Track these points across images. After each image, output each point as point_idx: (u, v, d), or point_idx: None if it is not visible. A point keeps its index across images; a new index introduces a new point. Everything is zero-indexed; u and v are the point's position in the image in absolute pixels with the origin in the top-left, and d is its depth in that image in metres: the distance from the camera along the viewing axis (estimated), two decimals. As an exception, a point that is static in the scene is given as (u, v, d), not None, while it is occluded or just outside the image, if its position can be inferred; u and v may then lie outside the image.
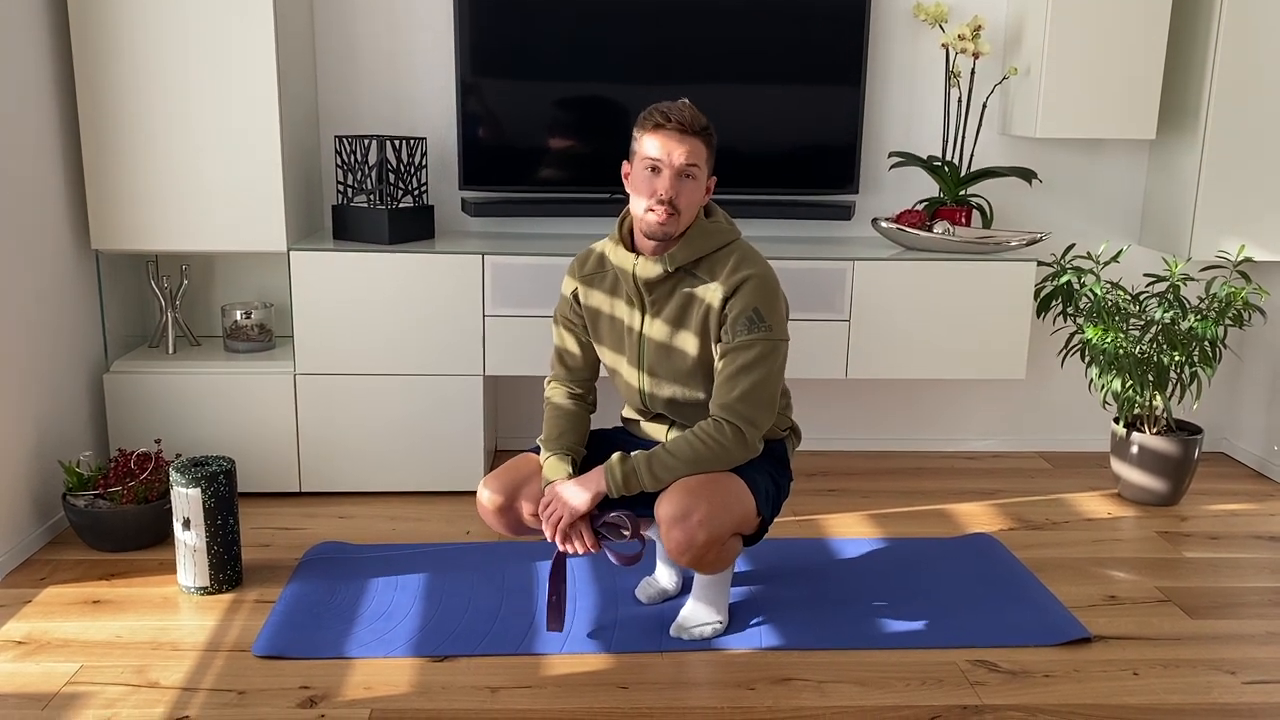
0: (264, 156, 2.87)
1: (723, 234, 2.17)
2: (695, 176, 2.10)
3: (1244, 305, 2.96)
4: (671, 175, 2.07)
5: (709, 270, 2.15)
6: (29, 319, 2.66)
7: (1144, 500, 3.13)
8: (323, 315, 2.95)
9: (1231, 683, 2.15)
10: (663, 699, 2.06)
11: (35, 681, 2.09)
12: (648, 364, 2.23)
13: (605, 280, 2.25)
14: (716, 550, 2.10)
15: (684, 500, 2.05)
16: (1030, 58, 3.15)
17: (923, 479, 3.33)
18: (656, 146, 2.08)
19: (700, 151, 2.09)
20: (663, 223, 2.09)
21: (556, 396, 2.34)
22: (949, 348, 3.10)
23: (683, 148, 2.07)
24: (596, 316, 2.28)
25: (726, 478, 2.11)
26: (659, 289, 2.17)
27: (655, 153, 2.08)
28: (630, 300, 2.22)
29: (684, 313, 2.17)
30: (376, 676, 2.12)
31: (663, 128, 2.08)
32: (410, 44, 3.24)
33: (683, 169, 2.08)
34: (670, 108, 2.09)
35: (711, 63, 3.16)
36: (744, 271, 2.12)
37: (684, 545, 2.05)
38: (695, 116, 2.10)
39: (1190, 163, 3.18)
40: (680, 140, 2.07)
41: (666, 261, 2.13)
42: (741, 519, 2.11)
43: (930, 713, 2.03)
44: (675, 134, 2.07)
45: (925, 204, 3.32)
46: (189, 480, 2.40)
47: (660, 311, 2.18)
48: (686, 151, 2.07)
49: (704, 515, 2.04)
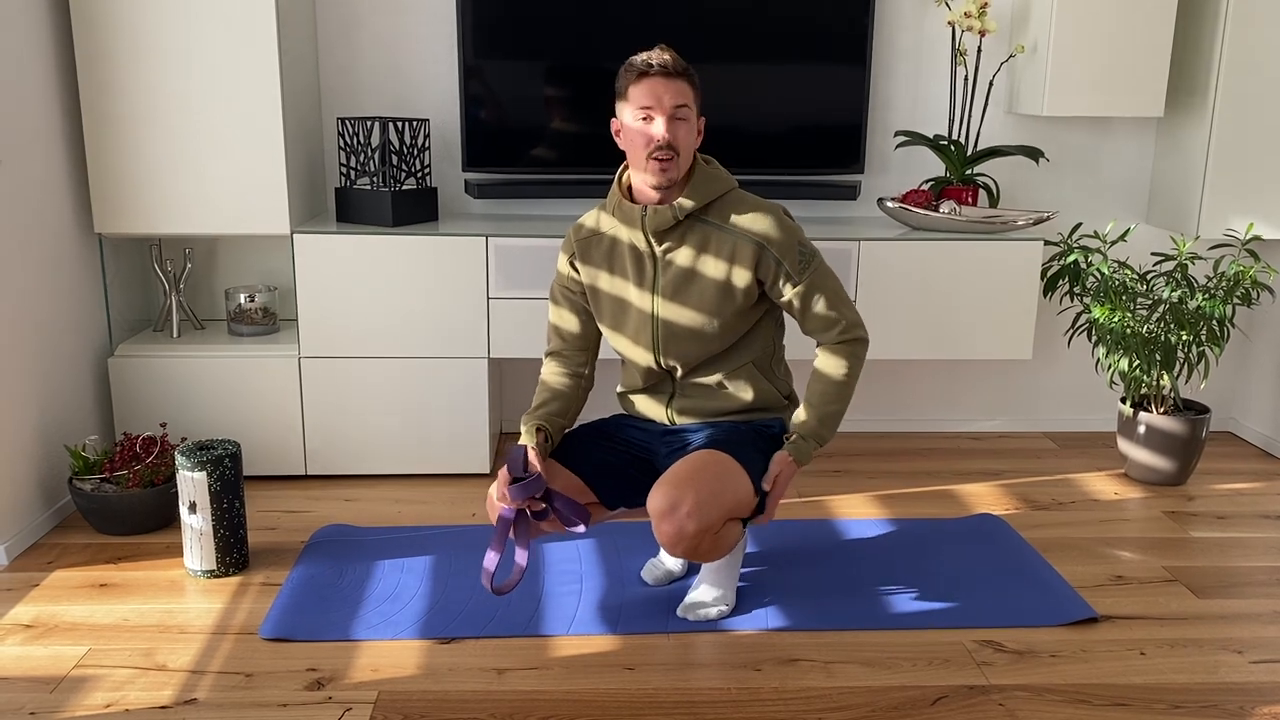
0: (267, 139, 2.86)
1: (725, 180, 2.21)
2: (687, 118, 2.12)
3: (1252, 284, 2.95)
4: (665, 119, 2.09)
5: (720, 214, 2.17)
6: (33, 304, 2.66)
7: (1151, 480, 3.12)
8: (326, 298, 2.94)
9: (1239, 662, 2.15)
10: (669, 680, 2.06)
11: (44, 665, 2.09)
12: (660, 325, 2.22)
13: (602, 245, 2.25)
14: (710, 539, 2.08)
15: (671, 493, 2.04)
16: (1037, 35, 3.12)
17: (928, 459, 3.33)
18: (645, 93, 2.09)
19: (687, 91, 2.11)
20: (665, 168, 2.10)
21: (549, 376, 2.33)
22: (955, 328, 3.09)
23: (670, 90, 2.09)
24: (595, 282, 2.27)
25: (717, 463, 2.10)
26: (670, 236, 2.17)
27: (646, 100, 2.09)
28: (636, 266, 2.21)
29: (698, 263, 2.17)
30: (383, 659, 2.13)
31: (647, 75, 2.09)
32: (413, 25, 3.22)
33: (674, 111, 2.09)
34: (651, 55, 2.11)
35: (716, 41, 3.14)
36: (765, 218, 2.17)
37: (675, 538, 2.04)
38: (676, 59, 2.12)
39: (1198, 141, 3.16)
40: (667, 83, 2.09)
41: (677, 210, 2.14)
42: (735, 504, 2.10)
43: (937, 693, 2.03)
44: (661, 79, 2.09)
45: (931, 183, 3.30)
46: (195, 464, 2.41)
47: (671, 265, 2.18)
48: (675, 92, 2.09)
49: (692, 506, 2.02)
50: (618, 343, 2.30)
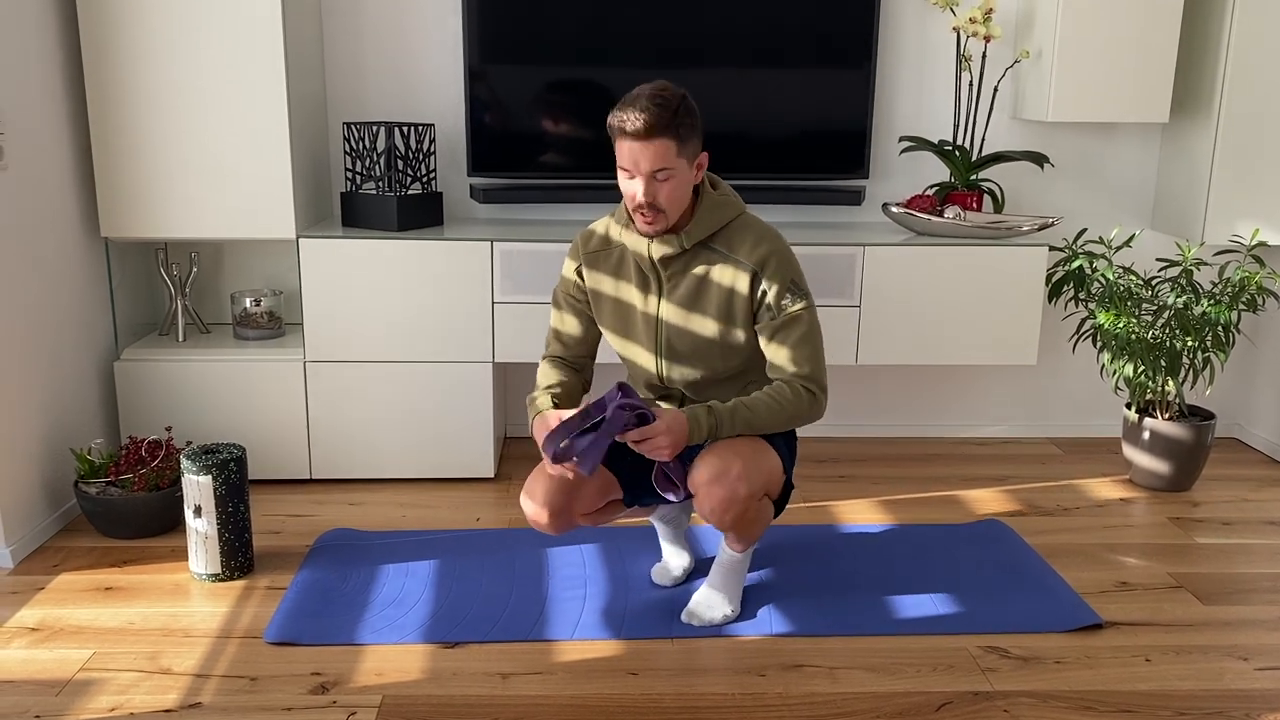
0: (273, 143, 2.87)
1: (732, 206, 2.18)
2: (669, 178, 2.04)
3: (1257, 290, 2.94)
4: (644, 181, 2.04)
5: (726, 243, 2.15)
6: (39, 307, 2.67)
7: (1156, 486, 3.12)
8: (332, 302, 2.95)
9: (1244, 669, 2.15)
10: (673, 685, 2.06)
11: (49, 668, 2.10)
12: (665, 341, 2.22)
13: (611, 258, 2.24)
14: (755, 508, 2.13)
15: (718, 461, 2.07)
16: (1042, 41, 3.12)
17: (933, 465, 3.32)
18: (624, 155, 2.03)
19: (668, 150, 2.00)
20: (650, 221, 2.08)
21: (548, 370, 2.29)
22: (960, 333, 3.09)
23: (648, 153, 2.00)
24: (599, 296, 2.27)
25: (749, 441, 2.14)
26: (674, 265, 2.17)
27: (624, 161, 2.04)
28: (642, 279, 2.21)
29: (702, 287, 2.17)
30: (388, 663, 2.13)
31: (625, 135, 2.01)
32: (418, 30, 3.22)
33: (653, 174, 2.02)
34: (627, 116, 1.99)
35: (722, 47, 3.14)
36: (764, 247, 2.13)
37: (727, 501, 2.06)
38: (657, 115, 1.97)
39: (1204, 146, 3.15)
40: (645, 146, 2.00)
41: (683, 239, 2.13)
42: (770, 477, 2.14)
43: (942, 699, 2.02)
44: (638, 142, 2.00)
45: (936, 189, 3.30)
46: (200, 467, 2.41)
47: (677, 288, 2.18)
48: (652, 156, 2.00)
49: (741, 470, 2.06)
50: (624, 348, 2.30)
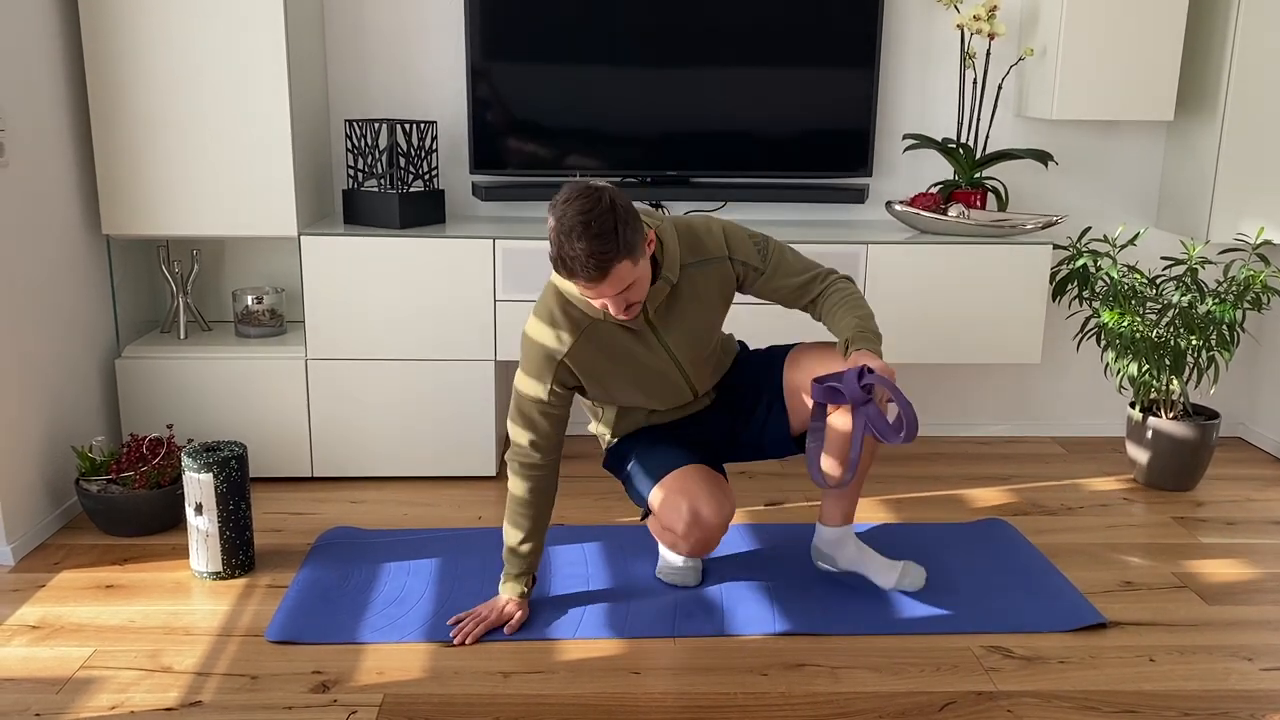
0: (274, 141, 2.86)
1: (670, 230, 2.14)
2: (632, 287, 1.99)
3: (1262, 288, 2.93)
4: (613, 301, 1.99)
5: (689, 255, 2.17)
6: (41, 305, 2.66)
7: (1160, 485, 3.11)
8: (334, 300, 2.94)
9: (1249, 669, 2.14)
10: (675, 685, 2.05)
11: (49, 666, 2.09)
12: (681, 362, 2.24)
13: (591, 339, 2.14)
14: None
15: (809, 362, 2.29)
16: (1046, 38, 3.11)
17: (937, 464, 3.31)
18: (583, 289, 1.99)
19: (622, 273, 1.94)
20: (630, 315, 2.06)
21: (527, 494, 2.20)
22: (963, 332, 3.08)
23: (609, 284, 1.95)
24: (597, 375, 2.18)
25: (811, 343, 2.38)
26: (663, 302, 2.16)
27: (584, 292, 2.00)
28: (632, 334, 2.17)
29: (692, 296, 2.18)
30: (389, 661, 2.12)
31: (578, 280, 1.94)
32: (420, 27, 3.22)
33: (616, 297, 1.99)
34: (575, 266, 1.91)
35: (725, 45, 3.13)
36: (715, 232, 2.20)
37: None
38: (603, 253, 1.89)
39: (1209, 144, 3.14)
40: (598, 285, 1.95)
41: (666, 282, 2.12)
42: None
43: (945, 699, 2.02)
44: (590, 284, 1.95)
45: (940, 187, 3.29)
46: (201, 465, 2.40)
47: (666, 316, 2.18)
48: (614, 283, 1.95)
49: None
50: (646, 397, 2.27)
